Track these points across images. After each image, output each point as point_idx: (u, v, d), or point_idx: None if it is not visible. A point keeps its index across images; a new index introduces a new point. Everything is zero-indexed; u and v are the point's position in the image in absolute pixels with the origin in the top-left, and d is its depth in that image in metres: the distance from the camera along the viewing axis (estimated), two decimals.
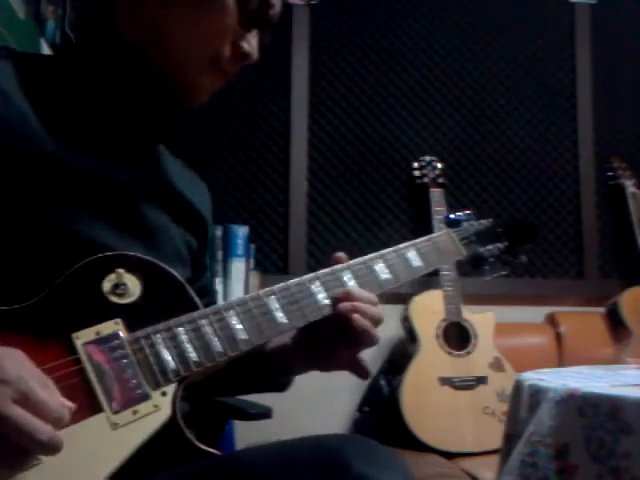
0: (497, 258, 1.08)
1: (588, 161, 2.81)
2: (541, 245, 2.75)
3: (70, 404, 0.62)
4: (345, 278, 0.87)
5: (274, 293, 0.81)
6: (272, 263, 2.56)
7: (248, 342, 0.77)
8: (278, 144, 2.61)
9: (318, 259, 2.58)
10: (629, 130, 2.86)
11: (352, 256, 0.91)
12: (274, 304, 0.80)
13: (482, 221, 1.08)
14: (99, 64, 0.84)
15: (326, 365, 0.91)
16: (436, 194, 2.51)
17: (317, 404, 2.29)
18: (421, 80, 2.74)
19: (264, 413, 1.32)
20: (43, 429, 0.57)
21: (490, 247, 1.07)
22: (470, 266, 1.08)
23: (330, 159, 2.64)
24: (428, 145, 2.70)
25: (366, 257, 0.91)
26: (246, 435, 2.13)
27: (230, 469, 0.72)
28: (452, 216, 1.09)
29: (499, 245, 1.08)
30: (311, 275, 0.85)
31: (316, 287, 0.84)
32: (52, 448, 0.58)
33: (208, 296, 1.02)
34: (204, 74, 0.86)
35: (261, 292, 0.81)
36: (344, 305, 0.83)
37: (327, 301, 0.84)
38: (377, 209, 2.64)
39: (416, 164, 2.60)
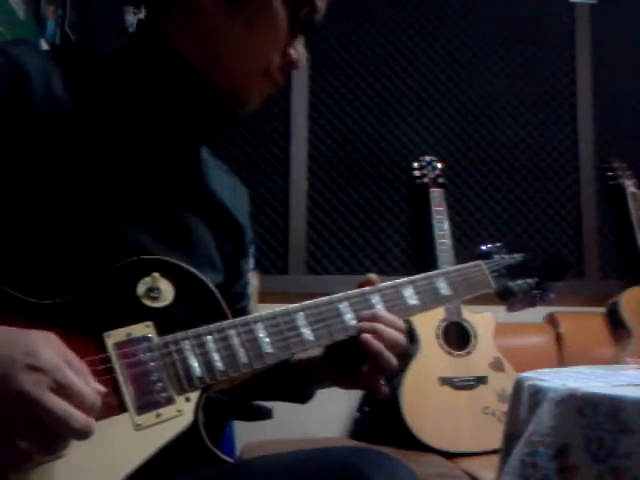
0: (525, 294, 1.09)
1: (588, 161, 2.81)
2: (541, 245, 2.75)
3: (102, 388, 0.63)
4: (373, 300, 0.88)
5: (303, 310, 0.82)
6: (272, 263, 2.56)
7: (273, 356, 0.78)
8: (278, 144, 2.61)
9: (318, 259, 2.58)
10: (629, 130, 2.86)
11: (352, 256, 0.92)
12: (302, 320, 0.81)
13: (514, 255, 1.09)
14: (148, 71, 0.85)
15: (347, 383, 0.92)
16: (436, 194, 2.51)
17: (317, 404, 2.29)
18: (421, 80, 2.74)
19: (265, 413, 1.32)
20: (77, 417, 0.58)
21: (520, 282, 1.08)
22: (498, 298, 1.08)
23: (330, 159, 2.64)
24: (428, 145, 2.70)
25: (396, 281, 0.92)
26: (246, 435, 2.13)
27: (243, 478, 0.73)
28: (484, 248, 1.09)
29: (529, 281, 1.09)
30: (340, 295, 0.86)
31: (344, 307, 0.85)
32: (86, 434, 0.59)
33: (242, 301, 1.03)
34: (254, 84, 0.87)
35: (290, 308, 0.82)
36: (362, 324, 0.85)
37: (354, 322, 0.85)
38: (377, 209, 2.64)
39: (416, 164, 2.61)
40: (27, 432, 0.58)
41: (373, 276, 0.91)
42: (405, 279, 0.93)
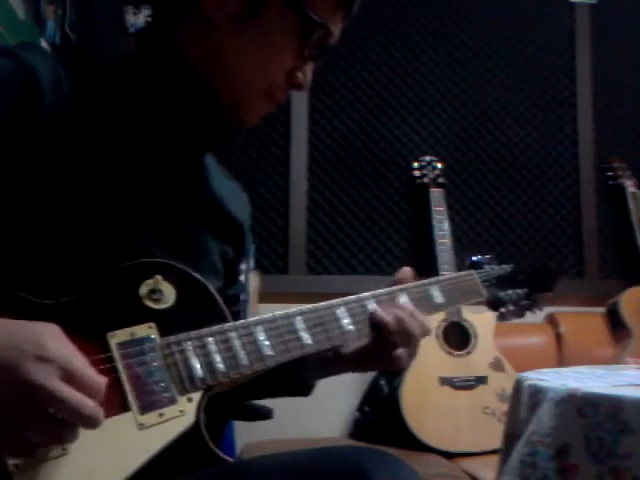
0: (515, 304, 1.11)
1: (588, 161, 2.81)
2: (541, 245, 2.75)
3: (104, 379, 0.64)
4: (369, 307, 0.89)
5: (302, 314, 0.83)
6: (272, 263, 2.56)
7: (273, 358, 0.79)
8: (278, 144, 2.61)
9: (318, 259, 2.58)
10: (629, 130, 2.86)
11: (352, 256, 0.92)
12: (300, 324, 0.82)
13: (504, 266, 1.12)
14: (158, 76, 0.85)
15: (368, 367, 0.95)
16: (436, 194, 2.51)
17: (317, 404, 2.29)
18: (421, 80, 2.74)
19: (264, 413, 1.32)
20: (87, 403, 0.59)
21: (510, 292, 1.11)
22: (488, 308, 1.11)
23: (330, 159, 2.64)
24: (428, 145, 2.70)
25: (390, 289, 0.93)
26: (246, 435, 2.13)
27: (244, 477, 0.74)
28: (474, 258, 1.12)
29: (518, 291, 1.12)
30: (338, 300, 0.87)
31: (342, 312, 0.87)
32: (95, 421, 0.60)
33: (237, 304, 1.04)
34: (254, 102, 0.87)
35: (289, 311, 0.83)
36: (386, 308, 0.88)
37: (351, 327, 0.86)
38: (377, 209, 2.64)
39: (416, 164, 2.61)
40: (39, 422, 0.58)
41: (407, 270, 0.94)
42: (399, 286, 0.94)
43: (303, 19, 0.82)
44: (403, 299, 0.93)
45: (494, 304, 1.10)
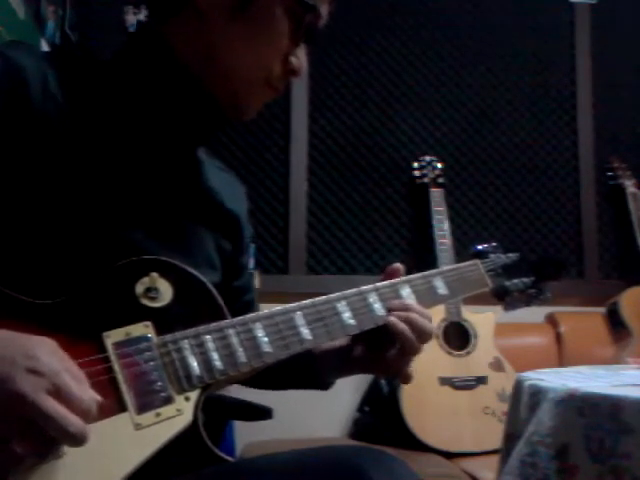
0: (521, 293, 1.10)
1: (588, 161, 2.81)
2: (541, 245, 2.75)
3: (98, 397, 0.63)
4: (371, 299, 0.89)
5: (301, 309, 0.83)
6: (272, 263, 2.56)
7: (272, 355, 0.78)
8: (278, 144, 2.61)
9: (318, 259, 2.58)
10: (629, 130, 2.87)
11: (352, 256, 0.91)
12: (300, 320, 0.82)
13: (509, 254, 1.10)
14: (144, 71, 0.85)
15: (373, 369, 0.95)
16: (436, 194, 2.51)
17: (317, 404, 2.29)
18: (421, 80, 2.74)
19: (265, 413, 1.32)
20: (73, 421, 0.58)
21: (516, 281, 1.09)
22: (494, 297, 1.09)
23: (330, 159, 2.64)
24: (428, 145, 2.70)
25: (393, 281, 0.92)
26: (246, 435, 2.13)
27: (244, 476, 0.74)
28: (480, 247, 1.10)
29: (524, 280, 1.10)
30: (338, 294, 0.87)
31: (342, 306, 0.86)
32: (79, 440, 0.59)
33: (247, 294, 1.04)
34: (254, 92, 0.87)
35: (288, 307, 0.82)
36: (398, 314, 0.87)
37: (352, 321, 0.86)
38: (377, 209, 2.64)
39: (416, 164, 2.61)
40: (21, 434, 0.58)
41: (398, 265, 0.93)
42: (402, 278, 0.93)
43: (296, 3, 0.83)
44: (406, 291, 0.92)
45: (500, 294, 1.08)
